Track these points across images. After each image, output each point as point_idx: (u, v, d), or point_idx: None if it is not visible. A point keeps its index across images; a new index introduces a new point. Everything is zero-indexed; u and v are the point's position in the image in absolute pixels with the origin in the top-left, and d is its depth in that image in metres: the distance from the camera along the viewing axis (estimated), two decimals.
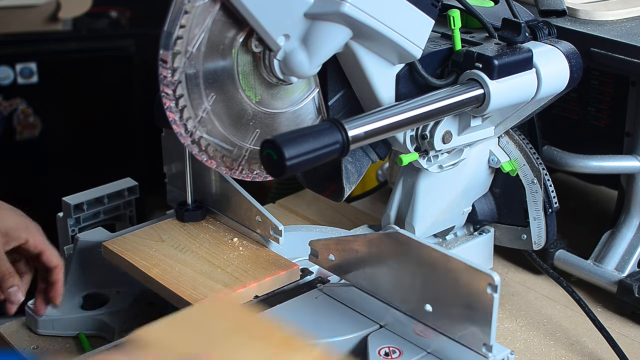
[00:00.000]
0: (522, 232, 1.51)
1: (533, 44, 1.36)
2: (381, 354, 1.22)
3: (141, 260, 1.37)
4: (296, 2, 1.18)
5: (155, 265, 1.36)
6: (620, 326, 1.53)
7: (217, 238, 1.45)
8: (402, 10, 1.23)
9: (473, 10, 1.39)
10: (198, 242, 1.43)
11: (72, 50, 2.79)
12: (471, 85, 1.30)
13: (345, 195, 1.39)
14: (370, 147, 1.40)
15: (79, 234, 1.50)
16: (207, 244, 1.43)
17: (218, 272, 1.35)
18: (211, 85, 1.21)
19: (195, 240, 1.44)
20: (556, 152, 1.60)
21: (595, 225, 1.70)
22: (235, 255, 1.40)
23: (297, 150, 1.09)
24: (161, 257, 1.38)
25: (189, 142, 1.22)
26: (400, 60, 1.29)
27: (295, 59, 1.21)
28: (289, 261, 1.39)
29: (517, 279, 1.67)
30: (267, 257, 1.39)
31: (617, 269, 1.59)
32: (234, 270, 1.36)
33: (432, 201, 1.46)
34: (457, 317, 1.16)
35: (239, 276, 1.34)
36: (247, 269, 1.36)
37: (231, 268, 1.36)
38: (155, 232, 1.46)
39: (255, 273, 1.35)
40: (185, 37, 1.15)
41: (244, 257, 1.40)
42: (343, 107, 1.34)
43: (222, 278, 1.34)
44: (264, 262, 1.38)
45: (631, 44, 1.47)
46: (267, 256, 1.40)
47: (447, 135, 1.36)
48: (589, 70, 1.55)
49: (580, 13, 1.60)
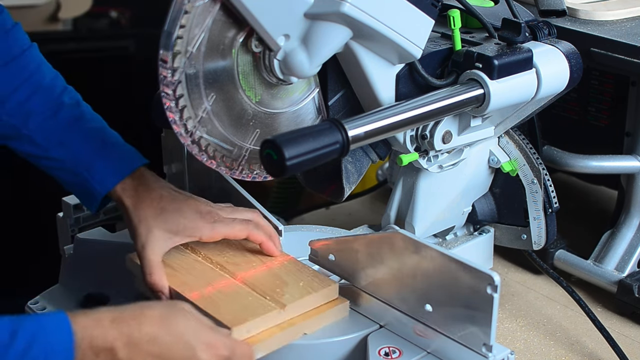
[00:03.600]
0: (522, 232, 1.51)
1: (533, 44, 1.36)
2: (381, 354, 1.22)
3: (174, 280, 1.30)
4: (296, 2, 1.18)
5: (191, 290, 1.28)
6: (620, 326, 1.53)
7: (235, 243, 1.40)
8: (402, 10, 1.23)
9: (473, 10, 1.39)
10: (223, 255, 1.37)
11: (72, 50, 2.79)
12: (471, 85, 1.30)
13: (345, 195, 1.39)
14: (370, 147, 1.40)
15: (79, 234, 1.50)
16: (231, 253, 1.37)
17: (259, 299, 1.26)
18: (211, 85, 1.21)
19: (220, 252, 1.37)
20: (556, 152, 1.60)
21: (595, 225, 1.70)
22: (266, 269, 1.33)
23: (297, 150, 1.09)
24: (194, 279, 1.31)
25: (189, 142, 1.22)
26: (400, 60, 1.29)
27: (295, 59, 1.21)
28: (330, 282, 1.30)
29: (517, 279, 1.67)
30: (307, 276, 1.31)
31: (617, 269, 1.59)
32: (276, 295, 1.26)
33: (432, 201, 1.46)
34: (457, 317, 1.16)
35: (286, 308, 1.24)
36: (288, 292, 1.27)
37: (269, 291, 1.27)
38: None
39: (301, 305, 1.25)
40: (185, 37, 1.15)
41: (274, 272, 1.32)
42: (343, 107, 1.34)
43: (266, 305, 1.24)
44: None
45: (631, 44, 1.47)
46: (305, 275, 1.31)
47: (447, 135, 1.36)
48: (589, 70, 1.55)
49: (580, 13, 1.60)
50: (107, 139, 1.35)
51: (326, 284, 1.28)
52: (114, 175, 1.31)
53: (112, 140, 1.35)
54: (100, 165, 1.31)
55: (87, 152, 1.32)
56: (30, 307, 1.45)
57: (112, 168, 1.31)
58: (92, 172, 1.31)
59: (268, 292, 1.26)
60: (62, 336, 1.01)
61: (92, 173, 1.31)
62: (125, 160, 1.32)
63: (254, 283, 1.28)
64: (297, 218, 1.94)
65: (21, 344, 0.98)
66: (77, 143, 1.32)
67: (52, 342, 1.00)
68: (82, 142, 1.32)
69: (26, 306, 1.46)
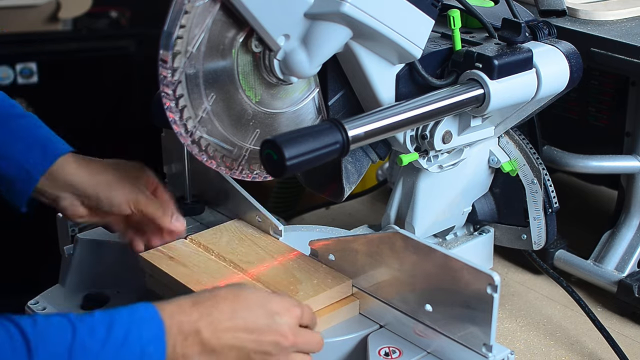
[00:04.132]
0: (522, 232, 1.51)
1: (533, 44, 1.36)
2: (381, 354, 1.22)
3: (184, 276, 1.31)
4: (296, 2, 1.18)
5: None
6: (620, 326, 1.53)
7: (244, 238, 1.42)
8: (402, 10, 1.23)
9: (473, 10, 1.39)
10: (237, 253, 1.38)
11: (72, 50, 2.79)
12: (471, 85, 1.30)
13: (345, 195, 1.39)
14: (370, 147, 1.40)
15: (79, 233, 1.50)
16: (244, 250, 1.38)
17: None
18: (211, 85, 1.21)
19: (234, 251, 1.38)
20: (556, 152, 1.60)
21: (595, 225, 1.70)
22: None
23: (297, 150, 1.09)
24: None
25: (189, 142, 1.22)
26: (400, 60, 1.29)
27: (295, 59, 1.21)
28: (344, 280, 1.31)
29: (517, 279, 1.67)
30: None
31: (617, 269, 1.59)
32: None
33: (432, 201, 1.46)
34: (457, 317, 1.16)
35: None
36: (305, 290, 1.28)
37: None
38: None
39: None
40: (185, 37, 1.15)
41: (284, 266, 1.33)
42: (343, 107, 1.34)
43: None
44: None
45: (631, 44, 1.47)
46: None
47: (447, 135, 1.36)
48: (589, 70, 1.55)
49: (580, 13, 1.60)
50: (37, 127, 1.36)
51: (340, 280, 1.28)
52: (45, 160, 1.32)
53: (40, 128, 1.36)
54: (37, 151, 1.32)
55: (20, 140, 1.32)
56: (30, 307, 1.45)
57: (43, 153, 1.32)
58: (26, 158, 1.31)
59: (282, 289, 1.26)
60: (153, 325, 1.05)
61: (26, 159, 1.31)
62: (55, 145, 1.34)
63: (268, 280, 1.29)
64: (297, 218, 1.94)
65: (118, 337, 1.02)
66: (9, 131, 1.33)
67: (145, 333, 1.04)
68: (14, 130, 1.33)
69: (26, 306, 1.46)
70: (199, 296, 1.12)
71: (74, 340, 1.00)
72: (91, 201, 1.33)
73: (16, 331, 0.98)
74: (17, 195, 1.33)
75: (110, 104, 2.86)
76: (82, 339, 1.00)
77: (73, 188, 1.33)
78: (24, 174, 1.31)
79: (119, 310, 1.05)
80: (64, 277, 1.50)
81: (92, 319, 1.03)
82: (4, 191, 1.34)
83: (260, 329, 1.11)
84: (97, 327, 1.02)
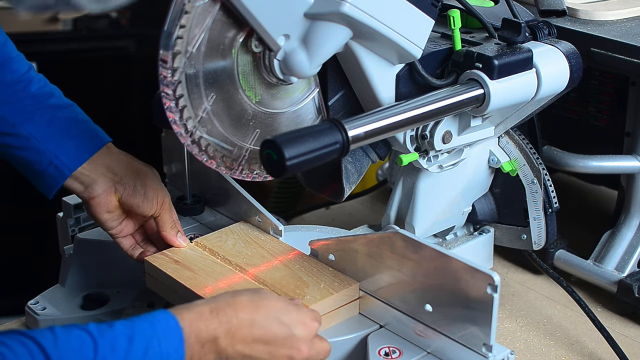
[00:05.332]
0: (522, 232, 1.51)
1: (533, 44, 1.36)
2: (381, 354, 1.22)
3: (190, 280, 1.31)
4: (296, 2, 1.18)
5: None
6: (620, 326, 1.53)
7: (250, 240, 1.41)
8: (402, 10, 1.23)
9: (473, 10, 1.39)
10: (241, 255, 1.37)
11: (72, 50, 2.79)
12: (471, 85, 1.30)
13: (345, 195, 1.39)
14: (370, 147, 1.40)
15: (79, 234, 1.50)
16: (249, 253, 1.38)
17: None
18: (211, 85, 1.21)
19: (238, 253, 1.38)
20: (556, 152, 1.60)
21: (595, 225, 1.70)
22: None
23: (297, 150, 1.09)
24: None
25: (189, 142, 1.22)
26: (400, 60, 1.29)
27: (295, 59, 1.21)
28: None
29: (517, 279, 1.67)
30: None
31: (617, 269, 1.59)
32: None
33: (432, 201, 1.46)
34: (457, 317, 1.16)
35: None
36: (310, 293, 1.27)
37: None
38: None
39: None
40: (185, 37, 1.15)
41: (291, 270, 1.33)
42: (343, 107, 1.34)
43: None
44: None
45: (631, 44, 1.47)
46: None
47: (447, 135, 1.36)
48: (589, 70, 1.55)
49: (580, 13, 1.60)
50: (77, 118, 1.36)
51: (347, 284, 1.28)
52: (81, 154, 1.32)
53: (80, 119, 1.36)
54: (71, 144, 1.32)
55: (55, 131, 1.33)
56: (30, 307, 1.45)
57: (80, 148, 1.33)
58: (60, 151, 1.32)
59: (289, 293, 1.26)
60: (174, 338, 1.05)
61: (60, 152, 1.32)
62: (92, 139, 1.35)
63: (274, 284, 1.29)
64: (297, 218, 1.94)
65: (140, 348, 1.02)
66: (46, 121, 1.33)
67: (165, 345, 1.04)
68: (51, 120, 1.33)
69: (26, 306, 1.46)
70: (217, 302, 1.11)
71: (95, 356, 0.99)
72: (126, 190, 1.33)
73: (36, 348, 0.97)
74: (45, 187, 1.34)
75: (110, 104, 2.86)
76: (104, 355, 1.00)
77: (112, 174, 1.33)
78: (54, 169, 1.32)
79: (140, 322, 1.05)
80: (64, 277, 1.51)
81: (113, 333, 1.02)
82: (33, 180, 1.35)
83: (277, 341, 1.11)
84: (119, 342, 1.01)
